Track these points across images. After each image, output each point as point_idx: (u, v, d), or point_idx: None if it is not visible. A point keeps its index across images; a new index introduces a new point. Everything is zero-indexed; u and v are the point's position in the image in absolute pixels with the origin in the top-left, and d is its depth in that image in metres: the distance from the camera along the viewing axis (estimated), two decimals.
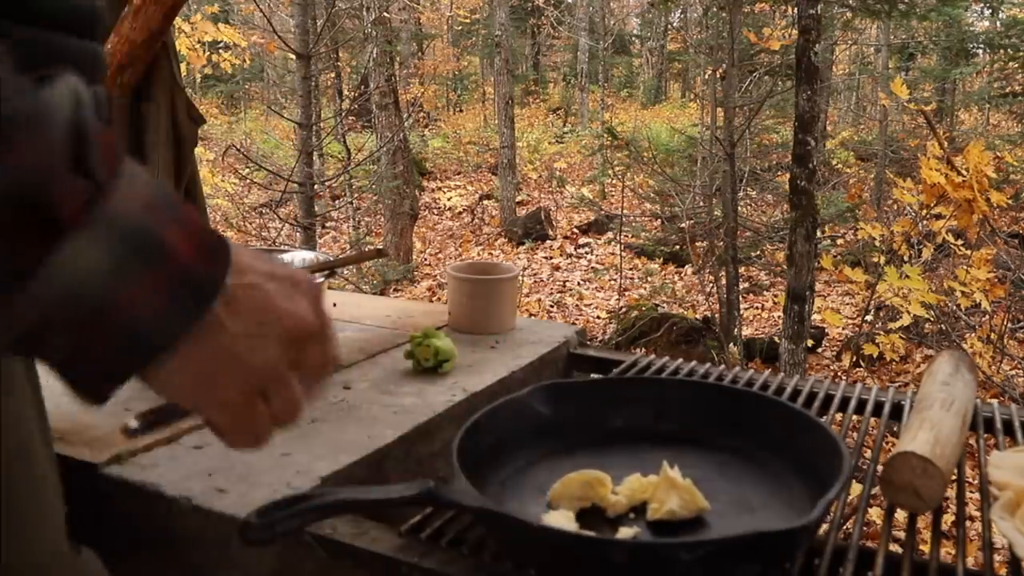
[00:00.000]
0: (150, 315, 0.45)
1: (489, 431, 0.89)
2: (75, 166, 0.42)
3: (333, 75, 10.36)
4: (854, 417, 1.14)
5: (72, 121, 0.43)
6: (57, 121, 0.42)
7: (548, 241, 9.57)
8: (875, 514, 2.74)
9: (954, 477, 0.89)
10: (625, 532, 0.79)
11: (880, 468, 0.88)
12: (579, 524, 0.81)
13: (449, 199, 11.62)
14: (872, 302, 4.51)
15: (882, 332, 4.61)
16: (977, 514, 0.94)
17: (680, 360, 1.30)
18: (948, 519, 2.11)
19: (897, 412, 1.12)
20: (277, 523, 0.72)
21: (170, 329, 0.46)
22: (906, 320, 4.11)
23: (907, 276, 3.78)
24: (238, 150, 6.12)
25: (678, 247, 8.47)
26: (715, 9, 7.93)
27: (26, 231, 0.41)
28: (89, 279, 0.43)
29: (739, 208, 6.25)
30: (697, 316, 6.38)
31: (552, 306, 7.42)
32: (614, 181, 10.55)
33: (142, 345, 0.46)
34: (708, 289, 6.85)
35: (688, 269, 8.16)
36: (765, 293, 7.73)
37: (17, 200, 0.40)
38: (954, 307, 4.54)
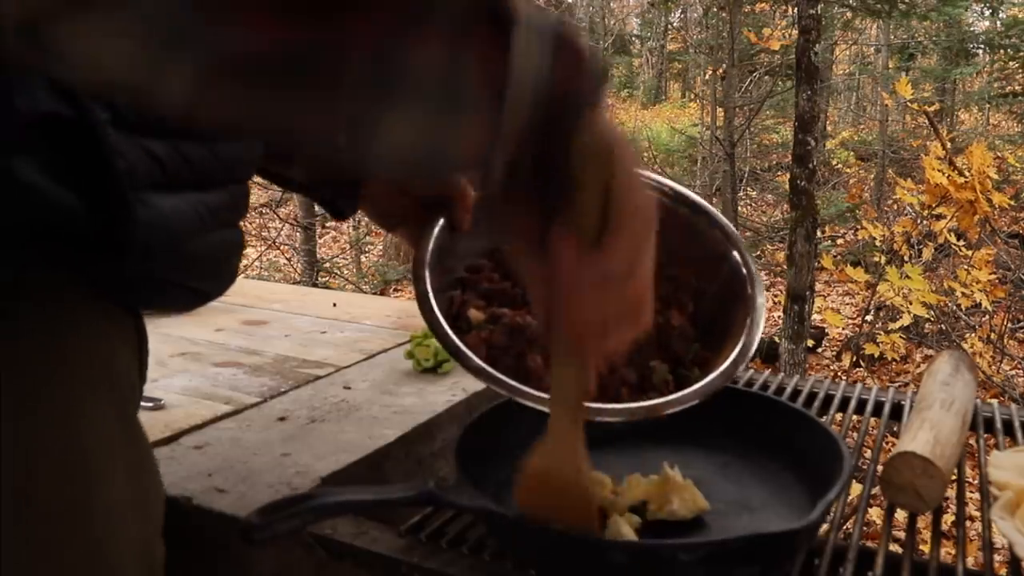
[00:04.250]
0: (583, 89, 0.48)
1: (491, 430, 0.89)
2: None
3: None
4: (854, 417, 1.14)
5: None
6: None
7: None
8: (875, 514, 2.74)
9: (954, 477, 0.89)
10: (625, 532, 0.79)
11: (880, 468, 0.88)
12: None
13: None
14: (872, 302, 4.51)
15: (882, 332, 4.61)
16: (977, 514, 0.93)
17: None
18: (948, 519, 2.10)
19: (897, 412, 1.12)
20: (277, 523, 0.72)
21: (594, 96, 0.50)
22: (906, 320, 4.11)
23: (908, 276, 3.78)
24: None
25: None
26: (715, 9, 7.94)
27: (487, 29, 0.44)
28: (539, 66, 0.45)
29: (739, 208, 6.25)
30: None
31: None
32: None
33: (578, 116, 0.49)
34: None
35: None
36: (765, 293, 7.72)
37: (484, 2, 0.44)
38: (954, 307, 4.54)
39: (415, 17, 0.40)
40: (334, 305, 1.67)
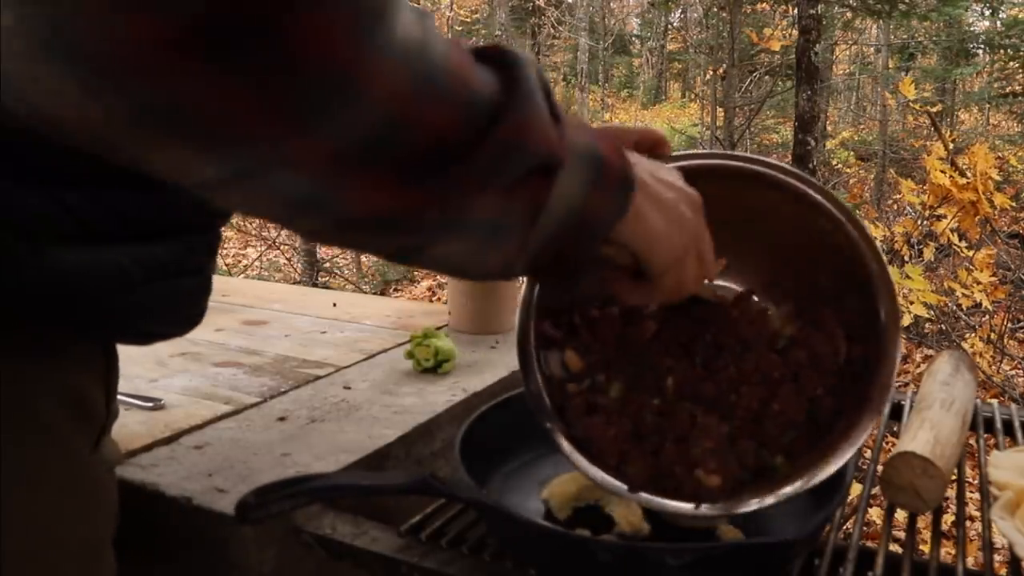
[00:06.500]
0: (606, 211, 0.57)
1: (495, 424, 0.89)
2: (554, 119, 0.51)
3: None
4: None
5: (542, 87, 0.51)
6: (540, 97, 0.50)
7: None
8: (875, 514, 2.74)
9: (954, 477, 0.89)
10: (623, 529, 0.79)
11: (880, 468, 0.88)
12: (575, 520, 0.80)
13: None
14: None
15: None
16: (977, 514, 0.93)
17: None
18: (948, 519, 2.10)
19: (897, 412, 1.12)
20: (272, 503, 0.72)
21: (616, 216, 0.58)
22: (907, 320, 4.10)
23: (908, 276, 3.77)
24: None
25: None
26: (715, 9, 7.94)
27: (539, 178, 0.51)
28: (573, 198, 0.53)
29: None
30: None
31: None
32: None
33: (599, 233, 0.58)
34: None
35: None
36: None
37: (542, 161, 0.50)
38: (954, 307, 4.54)
39: (485, 180, 0.47)
40: (334, 305, 1.67)
